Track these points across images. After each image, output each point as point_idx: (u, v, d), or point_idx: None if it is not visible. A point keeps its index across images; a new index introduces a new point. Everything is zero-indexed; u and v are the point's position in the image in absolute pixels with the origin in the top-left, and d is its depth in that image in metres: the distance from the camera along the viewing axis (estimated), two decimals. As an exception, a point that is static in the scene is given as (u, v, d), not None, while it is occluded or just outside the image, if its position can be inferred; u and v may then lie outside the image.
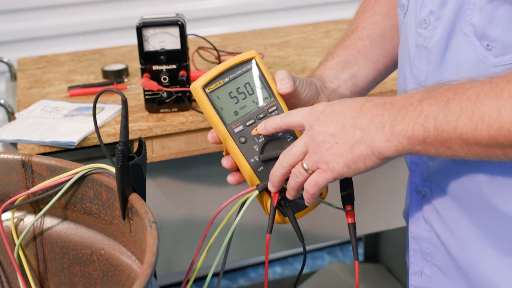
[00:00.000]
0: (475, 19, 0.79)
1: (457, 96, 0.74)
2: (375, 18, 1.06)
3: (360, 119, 0.81)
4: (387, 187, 1.61)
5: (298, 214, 0.92)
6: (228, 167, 0.94)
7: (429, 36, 0.86)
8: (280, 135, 0.92)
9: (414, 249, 0.96)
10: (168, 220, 1.47)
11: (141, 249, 0.82)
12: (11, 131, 1.28)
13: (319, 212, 0.96)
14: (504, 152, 0.74)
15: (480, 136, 0.73)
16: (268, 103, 0.93)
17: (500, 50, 0.77)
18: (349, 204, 0.89)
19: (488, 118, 0.72)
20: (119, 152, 0.80)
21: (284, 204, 0.90)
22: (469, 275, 0.88)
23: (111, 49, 1.80)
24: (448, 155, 0.77)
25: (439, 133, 0.75)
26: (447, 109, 0.74)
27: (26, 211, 0.98)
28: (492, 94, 0.72)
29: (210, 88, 0.91)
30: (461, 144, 0.75)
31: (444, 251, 0.91)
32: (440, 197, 0.90)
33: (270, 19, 2.22)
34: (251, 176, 0.91)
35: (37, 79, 1.59)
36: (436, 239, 0.92)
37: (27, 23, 2.04)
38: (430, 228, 0.92)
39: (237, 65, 0.93)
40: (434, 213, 0.91)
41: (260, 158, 0.91)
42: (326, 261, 2.51)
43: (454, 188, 0.87)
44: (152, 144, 1.31)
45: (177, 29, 1.30)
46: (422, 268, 0.95)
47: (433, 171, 0.89)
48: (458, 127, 0.74)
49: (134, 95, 1.44)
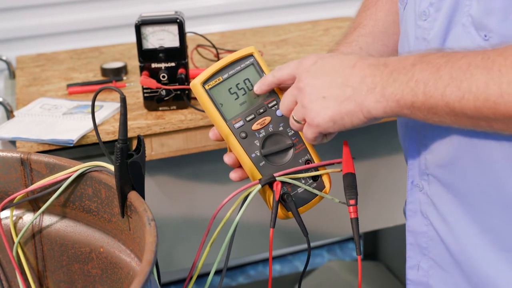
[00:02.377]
0: (473, 9, 0.80)
1: (449, 64, 0.75)
2: (378, 14, 1.06)
3: (352, 77, 0.82)
4: (386, 185, 1.61)
5: (301, 209, 0.92)
6: (230, 164, 0.94)
7: (429, 28, 0.86)
8: (281, 129, 0.92)
9: (411, 243, 0.96)
10: (167, 217, 1.47)
11: (140, 247, 0.82)
12: (10, 129, 1.28)
13: (318, 209, 0.96)
14: (489, 124, 0.74)
15: (466, 106, 0.73)
16: (268, 98, 0.93)
17: (497, 41, 0.77)
18: (352, 199, 0.89)
19: (476, 89, 0.72)
20: (118, 150, 0.80)
21: (286, 198, 0.90)
22: (466, 269, 0.89)
23: (110, 47, 1.80)
24: (436, 121, 0.78)
25: (427, 99, 0.76)
26: (438, 76, 0.75)
27: (25, 209, 0.98)
28: (482, 65, 0.72)
29: (210, 85, 0.92)
30: (448, 112, 0.75)
31: (441, 245, 0.91)
32: (438, 191, 0.90)
33: (269, 17, 2.22)
34: (253, 171, 0.91)
35: (36, 77, 1.58)
36: (433, 233, 0.92)
37: (25, 21, 2.03)
38: (427, 222, 0.93)
39: (236, 61, 0.93)
40: (431, 207, 0.91)
41: (262, 153, 0.91)
42: (325, 259, 2.51)
43: (452, 181, 0.87)
44: (151, 142, 1.31)
45: (176, 27, 1.30)
46: (419, 262, 0.96)
47: (431, 164, 0.90)
48: (446, 95, 0.74)
49: (133, 93, 1.44)
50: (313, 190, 0.92)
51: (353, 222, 0.89)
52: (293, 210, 0.90)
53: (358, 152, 1.58)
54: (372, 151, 1.58)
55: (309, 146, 0.93)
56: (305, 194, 0.91)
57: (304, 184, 0.91)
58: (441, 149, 0.87)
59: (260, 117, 0.92)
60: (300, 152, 0.92)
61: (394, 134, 1.11)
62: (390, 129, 1.40)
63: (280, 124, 0.93)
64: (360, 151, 1.56)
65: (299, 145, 0.92)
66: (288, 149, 0.92)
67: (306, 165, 0.92)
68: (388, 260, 2.21)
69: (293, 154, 0.92)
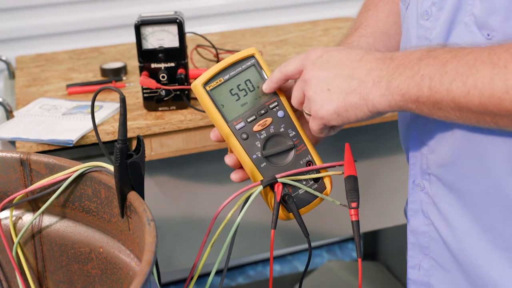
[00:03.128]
0: (476, 8, 0.79)
1: (455, 60, 0.75)
2: (379, 15, 1.06)
3: (358, 70, 0.83)
4: (386, 185, 1.61)
5: (302, 210, 0.92)
6: (231, 165, 0.94)
7: (431, 27, 0.86)
8: (282, 130, 0.92)
9: (413, 242, 0.96)
10: (167, 218, 1.47)
11: (139, 247, 0.82)
12: (10, 129, 1.28)
13: (318, 210, 0.96)
14: (494, 120, 0.74)
15: (472, 101, 0.74)
16: (269, 99, 0.93)
17: (500, 39, 0.77)
18: (354, 201, 0.89)
19: (481, 85, 0.72)
20: (117, 150, 0.80)
21: (287, 199, 0.90)
22: (466, 269, 0.89)
23: (109, 47, 1.80)
24: (441, 116, 0.79)
25: (432, 94, 0.76)
26: (443, 71, 0.75)
27: (25, 210, 0.98)
28: (488, 61, 0.72)
29: (211, 86, 0.91)
30: (453, 107, 0.76)
31: (442, 245, 0.91)
32: (439, 190, 0.90)
33: (269, 17, 2.22)
34: (254, 172, 0.91)
35: (35, 77, 1.58)
36: (434, 233, 0.92)
37: (25, 21, 2.03)
38: (428, 221, 0.93)
39: (237, 62, 0.93)
40: (432, 206, 0.91)
41: (263, 154, 0.91)
42: (325, 259, 2.51)
43: (453, 181, 0.87)
44: (150, 142, 1.31)
45: (176, 27, 1.30)
46: (420, 262, 0.96)
47: (433, 164, 0.90)
48: (452, 90, 0.75)
49: (133, 93, 1.44)
50: (314, 192, 0.92)
51: (354, 225, 0.88)
52: (294, 212, 0.90)
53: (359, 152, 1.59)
54: (373, 151, 1.58)
55: (311, 147, 0.93)
56: (306, 196, 0.91)
57: (305, 186, 0.91)
58: (443, 149, 0.87)
59: (261, 118, 0.92)
60: (301, 153, 0.92)
61: (394, 135, 1.11)
62: (391, 129, 1.40)
63: (281, 125, 0.92)
64: (361, 151, 1.56)
65: (300, 146, 0.92)
66: (289, 150, 0.92)
67: (308, 167, 0.92)
68: (388, 260, 2.21)
69: (294, 156, 0.92)
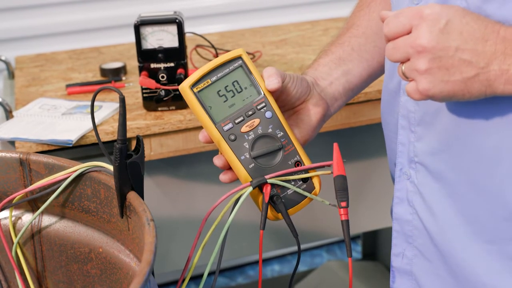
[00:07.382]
0: None
1: None
2: (371, 15, 1.06)
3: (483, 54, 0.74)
4: (386, 185, 1.61)
5: (291, 210, 0.92)
6: (220, 166, 0.94)
7: None
8: (270, 131, 0.92)
9: (397, 230, 0.97)
10: (166, 218, 1.47)
11: (139, 247, 0.82)
12: (9, 129, 1.28)
13: (317, 209, 0.96)
14: None
15: None
16: (257, 100, 0.93)
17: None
18: (343, 201, 0.89)
19: None
20: (117, 150, 0.80)
21: (276, 200, 0.90)
22: (448, 260, 0.89)
23: (109, 47, 1.80)
24: None
25: None
26: None
27: (24, 210, 0.98)
28: None
29: (198, 88, 0.91)
30: None
31: (426, 235, 0.92)
32: (425, 180, 0.90)
33: (268, 17, 2.22)
34: (242, 173, 0.91)
35: (35, 77, 1.58)
36: (418, 222, 0.92)
37: (25, 21, 2.03)
38: (413, 210, 0.93)
39: (225, 63, 0.92)
40: (417, 195, 0.92)
41: (251, 155, 0.91)
42: (324, 259, 2.52)
43: (441, 170, 0.87)
44: (150, 142, 1.31)
45: (175, 27, 1.30)
46: (404, 250, 0.96)
47: (420, 152, 0.89)
48: None
49: (132, 93, 1.44)
50: (303, 192, 0.92)
51: (344, 224, 0.88)
52: (283, 212, 0.90)
53: (359, 152, 1.59)
54: (372, 151, 1.58)
55: (299, 148, 0.93)
56: (295, 196, 0.91)
57: (294, 186, 0.91)
58: (433, 137, 0.87)
59: (249, 119, 0.92)
60: (290, 153, 0.92)
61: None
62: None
63: (269, 126, 0.92)
64: (361, 151, 1.56)
65: (288, 146, 0.92)
66: (278, 151, 0.92)
67: (297, 167, 0.92)
68: (387, 260, 2.21)
69: (282, 156, 0.92)
